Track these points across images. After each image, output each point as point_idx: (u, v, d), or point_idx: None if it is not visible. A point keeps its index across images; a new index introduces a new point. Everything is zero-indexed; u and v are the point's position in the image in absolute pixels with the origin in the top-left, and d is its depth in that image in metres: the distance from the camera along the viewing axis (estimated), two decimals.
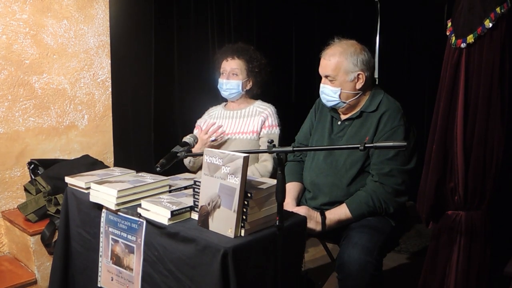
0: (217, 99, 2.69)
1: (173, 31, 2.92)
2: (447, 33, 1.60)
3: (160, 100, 2.87)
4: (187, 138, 1.80)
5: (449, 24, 1.60)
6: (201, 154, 1.53)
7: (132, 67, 2.85)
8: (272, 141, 1.41)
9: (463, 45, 1.54)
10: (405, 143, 1.30)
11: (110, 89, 2.89)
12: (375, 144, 1.31)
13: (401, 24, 3.58)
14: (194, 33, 3.00)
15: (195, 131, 2.58)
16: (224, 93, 2.46)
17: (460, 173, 1.58)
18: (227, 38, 3.04)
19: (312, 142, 2.08)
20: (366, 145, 1.30)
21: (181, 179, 1.90)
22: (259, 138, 2.37)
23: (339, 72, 1.87)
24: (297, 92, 3.45)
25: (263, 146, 2.30)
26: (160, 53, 2.87)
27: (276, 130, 2.37)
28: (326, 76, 1.91)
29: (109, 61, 2.86)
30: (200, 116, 2.61)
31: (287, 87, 3.43)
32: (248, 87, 2.45)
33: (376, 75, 3.34)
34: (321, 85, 1.96)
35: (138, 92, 2.86)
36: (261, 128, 2.37)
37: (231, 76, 2.40)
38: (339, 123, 1.99)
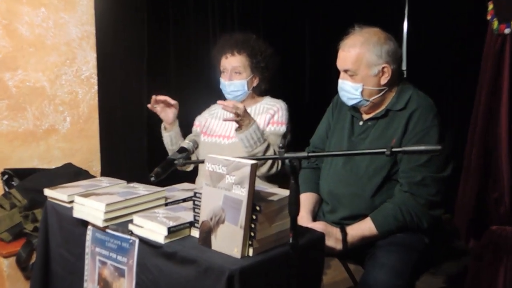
0: (221, 98, 2.70)
1: (169, 20, 2.95)
2: (488, 17, 1.60)
3: (155, 86, 2.89)
4: (186, 143, 1.81)
5: (490, 6, 1.60)
6: (201, 162, 1.54)
7: (122, 61, 2.88)
8: (283, 146, 1.41)
9: (507, 31, 1.53)
10: (440, 147, 1.29)
11: (96, 87, 2.92)
12: (404, 149, 1.31)
13: (433, 8, 3.57)
14: (193, 22, 3.03)
15: (194, 129, 2.60)
16: (228, 96, 2.47)
17: (506, 181, 1.57)
18: (230, 29, 3.06)
19: (330, 146, 2.09)
20: (393, 149, 1.30)
21: (179, 190, 1.91)
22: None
23: (360, 66, 1.88)
24: (312, 89, 3.46)
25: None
26: (154, 46, 2.90)
27: (282, 128, 2.38)
28: (346, 71, 1.92)
29: (95, 55, 2.89)
30: (200, 113, 2.63)
31: (300, 84, 3.44)
32: (254, 84, 2.47)
33: (403, 68, 3.34)
34: (340, 80, 1.96)
35: (129, 91, 2.90)
36: (267, 125, 2.38)
37: (234, 76, 2.42)
38: (360, 123, 2.00)
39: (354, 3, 3.63)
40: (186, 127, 2.57)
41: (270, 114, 2.39)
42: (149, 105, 2.37)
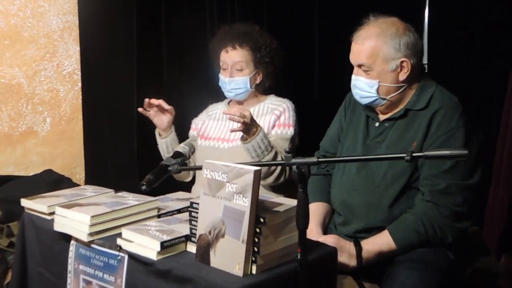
0: (219, 96, 2.72)
1: (161, 9, 2.96)
2: None
3: (145, 97, 2.91)
4: (181, 148, 1.82)
5: None
6: (199, 168, 1.55)
7: (109, 55, 2.89)
8: (290, 150, 1.42)
9: None
10: (467, 151, 1.30)
11: (79, 84, 2.93)
12: (426, 153, 1.32)
13: None
14: (188, 12, 3.03)
15: (191, 133, 2.62)
16: (229, 94, 2.50)
17: None
18: (230, 19, 3.06)
19: (342, 150, 2.09)
20: (413, 154, 1.31)
21: (173, 200, 1.92)
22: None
23: (376, 60, 1.89)
24: (321, 86, 3.45)
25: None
26: (145, 38, 2.91)
27: (289, 131, 2.40)
28: (360, 66, 1.93)
29: (78, 48, 2.91)
30: (197, 115, 2.65)
31: (308, 81, 3.44)
32: (257, 81, 2.49)
33: (424, 62, 3.33)
34: (353, 76, 1.97)
35: (117, 88, 2.91)
36: (272, 128, 2.40)
37: (235, 72, 2.44)
38: (376, 124, 2.01)
39: None
40: (181, 132, 2.59)
41: (276, 115, 2.41)
42: (140, 109, 2.38)
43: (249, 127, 2.16)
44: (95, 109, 2.92)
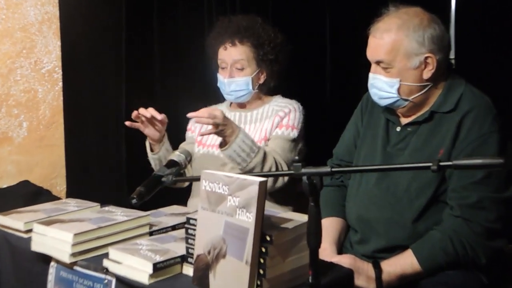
0: (218, 97, 2.73)
1: (152, 0, 2.97)
2: None
3: (134, 98, 2.91)
4: (176, 155, 1.82)
5: None
6: (196, 179, 1.55)
7: (93, 51, 2.89)
8: (298, 159, 1.42)
9: None
10: (502, 160, 1.30)
11: (60, 83, 2.94)
12: (455, 162, 1.31)
13: None
14: (183, 3, 3.04)
15: (188, 135, 2.62)
16: (228, 97, 2.51)
17: None
18: (231, 11, 3.06)
19: (359, 159, 2.10)
20: (441, 163, 1.30)
21: (167, 215, 1.92)
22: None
23: (397, 56, 1.89)
24: (334, 86, 3.46)
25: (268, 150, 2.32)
26: (135, 31, 2.92)
27: (292, 133, 2.40)
28: (378, 62, 1.93)
29: (59, 43, 2.91)
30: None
31: (319, 80, 3.44)
32: (261, 81, 2.50)
33: (452, 57, 3.32)
34: (371, 75, 1.98)
35: (103, 88, 2.91)
36: (275, 127, 2.41)
37: (235, 72, 2.45)
38: (398, 129, 2.01)
39: None
40: (176, 137, 2.60)
41: (280, 116, 2.42)
42: (127, 123, 2.33)
43: (223, 129, 2.15)
44: (78, 112, 2.92)
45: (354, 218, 2.03)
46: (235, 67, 2.44)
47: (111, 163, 2.90)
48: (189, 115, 2.13)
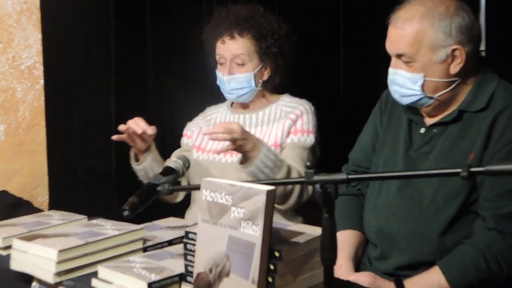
0: (218, 96, 2.72)
1: None
2: None
3: (125, 99, 2.91)
4: (172, 162, 1.82)
5: None
6: (196, 188, 1.54)
7: (78, 45, 2.89)
8: (310, 165, 1.40)
9: None
10: None
11: (41, 81, 2.94)
12: (487, 168, 1.29)
13: None
14: None
15: (184, 141, 2.62)
16: (229, 96, 2.51)
17: None
18: (232, 1, 3.06)
19: (378, 164, 2.09)
20: (471, 168, 1.28)
21: (163, 229, 1.91)
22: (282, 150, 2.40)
23: (420, 48, 1.88)
24: (348, 83, 3.45)
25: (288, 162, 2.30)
26: (125, 25, 2.91)
27: (309, 139, 2.40)
28: (399, 56, 1.92)
29: (40, 36, 2.91)
30: (191, 119, 2.66)
31: (331, 76, 3.43)
32: (265, 78, 2.50)
33: (482, 48, 3.30)
34: (391, 70, 1.97)
35: (89, 86, 2.90)
36: (287, 136, 2.40)
37: (235, 68, 2.45)
38: (422, 130, 2.00)
39: None
40: (170, 143, 2.59)
41: (291, 120, 2.42)
42: (114, 137, 2.28)
43: (243, 144, 2.12)
44: (62, 113, 2.92)
45: (373, 231, 2.02)
46: (235, 63, 2.44)
47: (99, 170, 2.90)
48: (204, 132, 2.11)
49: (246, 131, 2.14)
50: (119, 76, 2.92)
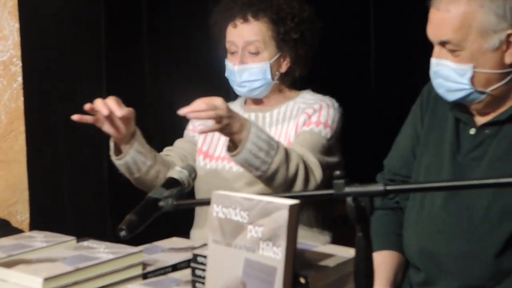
0: (227, 91, 2.72)
1: None
2: None
3: (118, 96, 2.91)
4: (177, 172, 1.82)
5: None
6: (205, 202, 1.54)
7: (63, 36, 2.90)
8: (341, 175, 1.39)
9: None
10: None
11: (20, 78, 2.95)
12: None
13: None
14: None
15: (189, 134, 2.63)
16: (240, 90, 2.51)
17: None
18: None
19: (419, 172, 2.09)
20: None
21: (166, 251, 1.91)
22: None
23: (469, 34, 1.87)
24: (380, 77, 3.45)
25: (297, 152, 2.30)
26: (117, 13, 2.92)
27: (324, 131, 2.40)
28: (443, 43, 1.92)
29: (17, 25, 2.92)
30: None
31: (361, 70, 3.43)
32: (283, 69, 2.51)
33: None
34: (434, 60, 1.96)
35: (77, 84, 2.91)
36: (301, 128, 2.41)
37: (248, 57, 2.46)
38: (472, 132, 2.00)
39: None
40: (171, 142, 2.59)
41: (307, 114, 2.43)
42: (75, 117, 2.22)
43: (229, 123, 2.11)
44: (44, 117, 2.93)
45: (415, 252, 2.01)
46: (247, 51, 2.45)
47: (89, 183, 2.90)
48: (180, 112, 2.08)
49: (230, 109, 2.13)
50: (111, 72, 2.93)
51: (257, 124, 2.21)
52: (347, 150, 2.50)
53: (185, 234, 2.49)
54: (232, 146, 2.18)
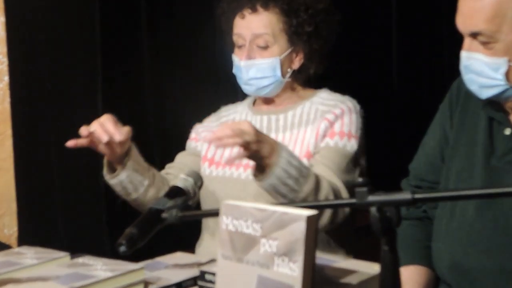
0: (234, 91, 2.72)
1: None
2: None
3: (115, 99, 2.91)
4: (181, 180, 1.82)
5: None
6: (213, 213, 1.53)
7: (54, 31, 2.91)
8: (364, 182, 1.39)
9: None
10: None
11: (6, 78, 2.96)
12: None
13: None
14: None
15: (192, 144, 2.63)
16: (248, 88, 2.51)
17: None
18: None
19: (449, 177, 2.08)
20: None
21: (169, 268, 1.92)
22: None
23: (503, 24, 1.86)
24: (403, 74, 3.44)
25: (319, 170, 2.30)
26: (113, 7, 2.92)
27: (350, 144, 2.40)
28: (475, 35, 1.91)
29: (3, 19, 2.93)
30: (201, 121, 2.67)
31: (382, 66, 3.42)
32: (295, 66, 2.51)
33: None
34: (464, 53, 1.96)
35: (69, 85, 2.92)
36: (321, 140, 2.39)
37: (257, 51, 2.46)
38: (507, 132, 1.99)
39: None
40: (175, 149, 2.58)
41: (328, 120, 2.42)
42: (69, 143, 2.21)
43: (258, 149, 2.08)
44: (33, 119, 2.93)
45: (446, 267, 2.00)
46: (256, 44, 2.45)
47: (84, 193, 2.90)
48: (204, 139, 2.08)
49: (259, 131, 2.11)
50: (107, 70, 2.93)
51: (288, 148, 2.18)
52: (368, 154, 2.49)
53: (190, 248, 2.50)
54: (258, 169, 2.14)
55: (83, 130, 2.20)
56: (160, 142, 3.02)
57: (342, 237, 2.43)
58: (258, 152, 2.08)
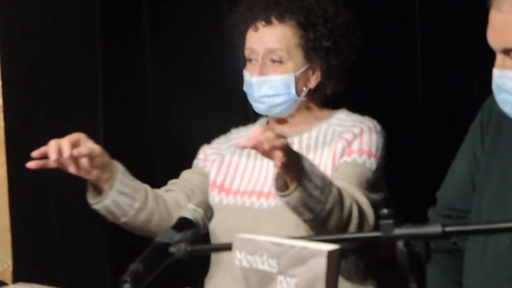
0: (246, 113, 2.73)
1: None
2: None
3: (117, 116, 2.92)
4: (190, 211, 1.82)
5: None
6: (226, 247, 1.54)
7: (51, 34, 2.93)
8: (389, 213, 1.39)
9: None
10: None
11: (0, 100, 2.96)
12: None
13: None
14: None
15: (200, 164, 2.63)
16: (258, 106, 2.52)
17: None
18: None
19: (481, 205, 2.08)
20: None
21: None
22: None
23: None
24: (429, 94, 3.45)
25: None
26: (113, 12, 2.94)
27: (369, 162, 2.40)
28: (508, 51, 1.91)
29: None
30: (209, 142, 2.67)
31: (406, 86, 3.43)
32: (311, 84, 2.52)
33: None
34: (497, 71, 1.96)
35: (66, 93, 2.94)
36: (340, 158, 2.40)
37: (270, 67, 2.46)
38: None
39: None
40: (178, 167, 2.59)
41: (346, 140, 2.42)
42: (30, 164, 2.18)
43: (291, 157, 2.04)
44: (28, 142, 2.93)
45: None
46: (269, 59, 2.46)
47: (83, 224, 2.90)
48: (238, 144, 2.01)
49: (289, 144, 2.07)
50: (109, 92, 2.95)
51: (310, 160, 2.16)
52: (391, 180, 2.49)
53: (198, 284, 2.50)
54: (281, 183, 2.12)
55: (34, 153, 2.17)
56: (164, 158, 3.03)
57: (367, 271, 2.43)
58: (290, 161, 2.03)
